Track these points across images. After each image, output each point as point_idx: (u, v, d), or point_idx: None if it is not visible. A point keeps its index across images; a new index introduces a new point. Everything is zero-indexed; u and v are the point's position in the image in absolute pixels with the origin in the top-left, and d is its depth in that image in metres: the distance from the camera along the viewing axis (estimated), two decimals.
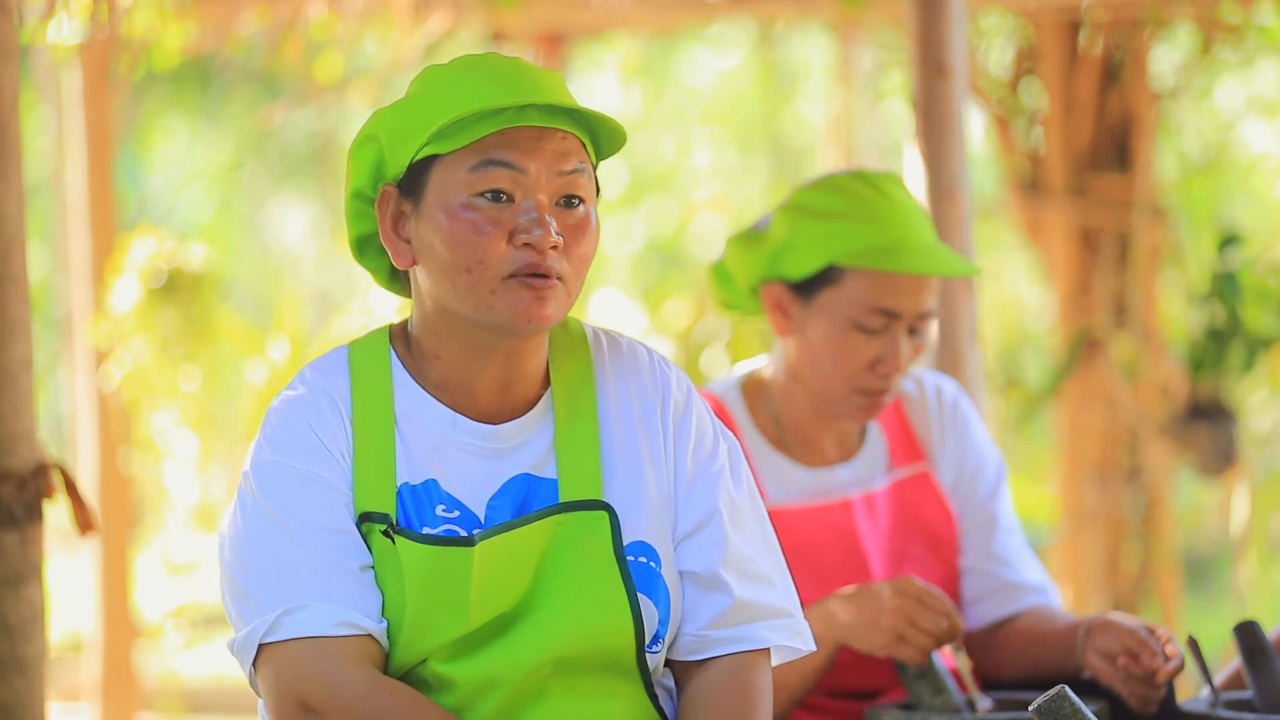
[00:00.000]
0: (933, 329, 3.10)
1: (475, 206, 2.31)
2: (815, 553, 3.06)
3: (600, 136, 2.39)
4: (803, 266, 3.05)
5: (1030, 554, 3.19)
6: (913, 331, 3.05)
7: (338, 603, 2.28)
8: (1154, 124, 6.34)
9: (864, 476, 3.14)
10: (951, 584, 3.13)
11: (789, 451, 3.12)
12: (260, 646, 2.28)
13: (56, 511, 3.09)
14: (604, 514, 2.35)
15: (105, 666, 6.35)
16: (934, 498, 3.15)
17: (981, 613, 3.14)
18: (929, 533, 3.14)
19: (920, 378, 3.22)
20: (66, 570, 8.63)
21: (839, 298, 3.03)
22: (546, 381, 2.42)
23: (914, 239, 3.04)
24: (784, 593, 2.43)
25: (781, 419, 3.13)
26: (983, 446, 3.20)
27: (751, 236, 3.13)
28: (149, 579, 7.76)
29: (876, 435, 3.17)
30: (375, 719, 2.25)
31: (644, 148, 12.55)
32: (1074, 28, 6.34)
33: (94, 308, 6.41)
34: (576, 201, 2.34)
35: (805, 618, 2.84)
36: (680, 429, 2.43)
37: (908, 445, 3.18)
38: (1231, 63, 7.09)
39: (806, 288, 3.06)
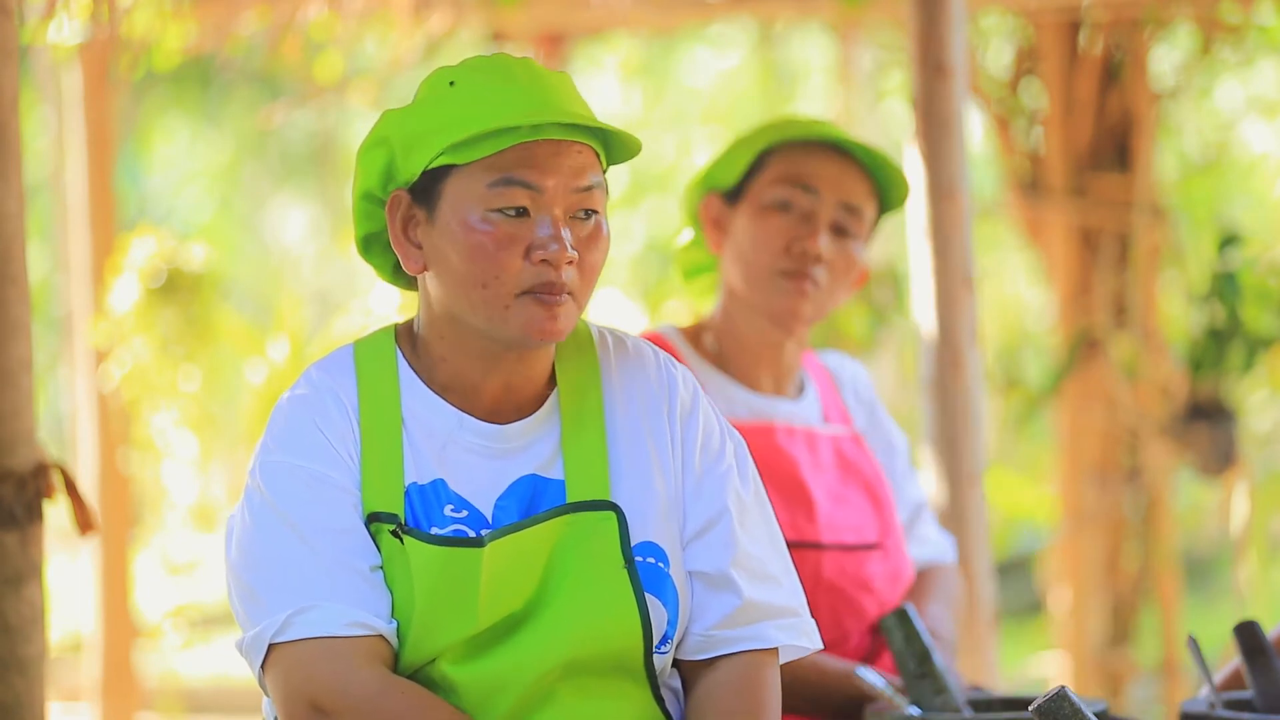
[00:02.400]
0: (862, 250, 3.12)
1: (492, 221, 2.31)
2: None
3: (612, 143, 2.40)
4: (733, 168, 3.16)
5: (928, 514, 3.33)
6: (838, 230, 3.09)
7: (347, 603, 2.27)
8: (1154, 124, 6.33)
9: (804, 418, 3.21)
10: (888, 534, 3.19)
11: (732, 376, 3.17)
12: (270, 647, 2.28)
13: (56, 511, 3.09)
14: (611, 514, 2.35)
15: (105, 666, 6.35)
16: (866, 458, 3.25)
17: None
18: (866, 485, 3.21)
19: (840, 359, 3.34)
20: (66, 570, 8.63)
21: (761, 183, 3.13)
22: (552, 381, 2.42)
23: (835, 130, 3.13)
24: (791, 591, 2.43)
25: (723, 349, 3.18)
26: (894, 429, 3.33)
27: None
28: (149, 579, 7.75)
29: (812, 391, 3.25)
30: (386, 719, 2.25)
31: (644, 148, 12.53)
32: (1074, 28, 6.34)
33: (94, 308, 6.41)
34: (590, 213, 2.35)
35: None
36: (687, 428, 2.43)
37: (839, 410, 3.27)
38: (1231, 63, 7.08)
39: (736, 190, 3.15)
